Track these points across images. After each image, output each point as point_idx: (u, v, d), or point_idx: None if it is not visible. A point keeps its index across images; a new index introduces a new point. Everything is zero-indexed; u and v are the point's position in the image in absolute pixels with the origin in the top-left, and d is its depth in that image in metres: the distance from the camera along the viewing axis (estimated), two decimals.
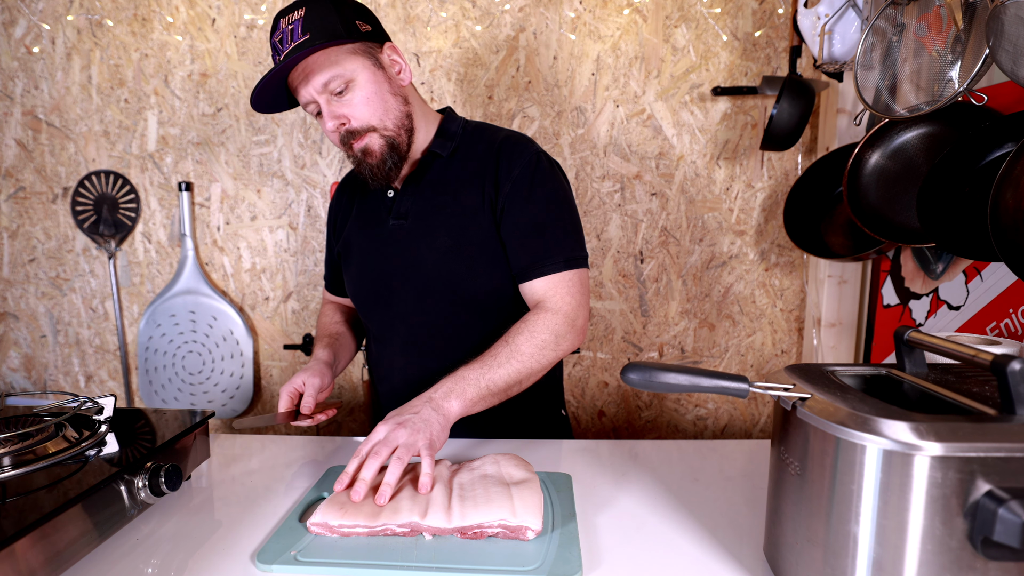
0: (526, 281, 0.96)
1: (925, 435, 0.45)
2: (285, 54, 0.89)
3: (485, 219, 0.97)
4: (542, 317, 0.92)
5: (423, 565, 0.61)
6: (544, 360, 0.90)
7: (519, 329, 0.91)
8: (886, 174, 1.24)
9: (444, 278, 0.99)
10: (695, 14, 1.63)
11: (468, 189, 0.98)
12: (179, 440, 0.78)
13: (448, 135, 1.02)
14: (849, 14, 1.22)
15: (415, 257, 1.00)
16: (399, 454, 0.73)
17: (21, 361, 1.92)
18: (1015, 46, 0.83)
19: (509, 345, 0.89)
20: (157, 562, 0.65)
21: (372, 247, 1.04)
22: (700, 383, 0.59)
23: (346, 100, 0.92)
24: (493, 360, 0.87)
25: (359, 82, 0.91)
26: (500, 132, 1.03)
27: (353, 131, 0.93)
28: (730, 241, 1.73)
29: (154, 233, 1.81)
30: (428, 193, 1.00)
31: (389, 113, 0.95)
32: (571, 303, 0.94)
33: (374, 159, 0.95)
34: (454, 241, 0.98)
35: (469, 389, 0.84)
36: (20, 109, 1.77)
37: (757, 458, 0.91)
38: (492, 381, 0.86)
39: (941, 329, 1.27)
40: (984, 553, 0.45)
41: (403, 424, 0.77)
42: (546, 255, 0.94)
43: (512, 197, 0.95)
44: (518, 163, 0.96)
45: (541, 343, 0.90)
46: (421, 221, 1.00)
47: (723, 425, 1.83)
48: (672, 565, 0.63)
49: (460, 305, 1.00)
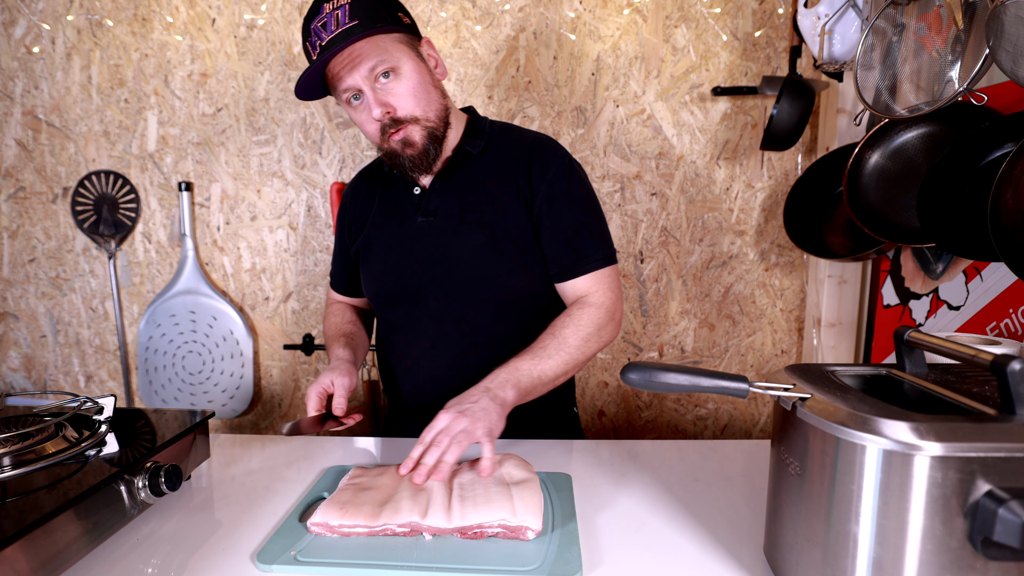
0: (568, 280, 1.00)
1: (925, 435, 0.45)
2: (330, 38, 0.88)
3: (520, 218, 0.99)
4: (586, 311, 0.96)
5: (423, 565, 0.61)
6: (588, 351, 0.95)
7: (565, 323, 0.95)
8: (886, 174, 1.24)
9: (476, 276, 0.99)
10: (695, 14, 1.63)
11: (501, 188, 1.00)
12: (179, 440, 0.78)
13: (478, 133, 1.03)
14: (849, 14, 1.22)
15: (445, 254, 1.00)
16: (459, 439, 0.77)
17: (21, 361, 1.92)
18: (1015, 46, 0.83)
19: (556, 337, 0.93)
20: (157, 562, 0.64)
21: (397, 244, 1.03)
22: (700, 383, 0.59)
23: (391, 89, 0.92)
24: (542, 351, 0.91)
25: (404, 72, 0.92)
26: (527, 133, 1.06)
27: (397, 120, 0.93)
28: (730, 241, 1.73)
29: (154, 233, 1.81)
30: (459, 191, 1.01)
31: (431, 105, 0.95)
32: (611, 297, 0.99)
33: (415, 150, 0.95)
34: (489, 239, 0.99)
35: (523, 379, 0.88)
36: (20, 109, 1.77)
37: (757, 458, 0.91)
38: (543, 372, 0.90)
39: (941, 329, 1.27)
40: (984, 553, 0.45)
41: (464, 413, 0.79)
42: (587, 254, 0.99)
43: (551, 199, 0.99)
44: (552, 165, 1.00)
45: (586, 336, 0.94)
46: (452, 219, 1.00)
47: (723, 425, 1.83)
48: (672, 565, 0.63)
49: (490, 302, 1.01)
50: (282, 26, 1.69)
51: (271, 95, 1.72)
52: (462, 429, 0.78)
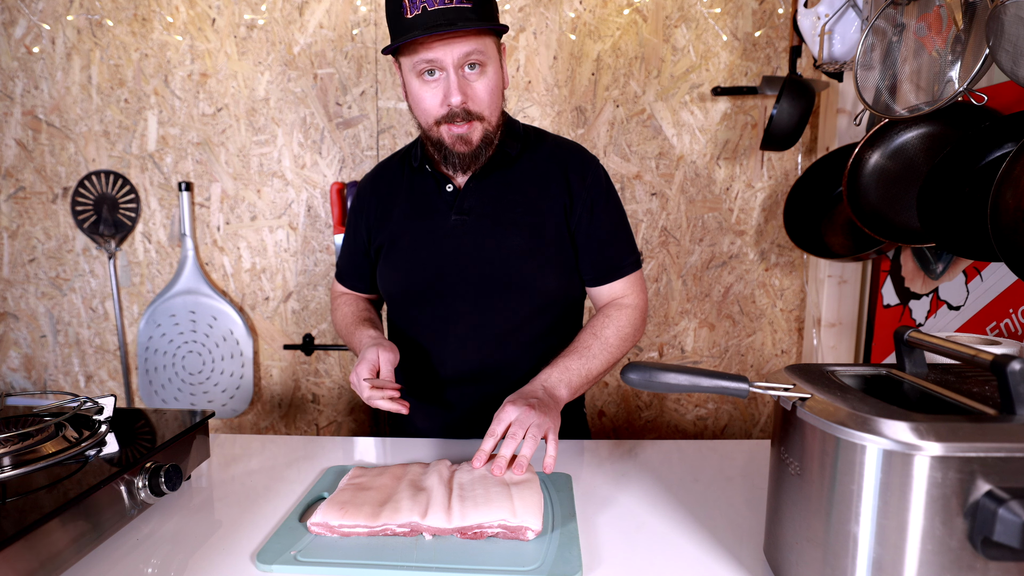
0: (605, 283, 1.03)
1: (925, 435, 0.45)
2: (441, 9, 0.85)
3: (557, 221, 1.00)
4: (625, 312, 1.00)
5: (423, 565, 0.61)
6: (625, 350, 0.99)
7: (605, 324, 0.98)
8: (886, 174, 1.24)
9: (511, 276, 1.00)
10: (695, 14, 1.63)
11: (538, 191, 1.01)
12: (179, 440, 0.78)
13: (515, 135, 1.03)
14: (849, 14, 1.22)
15: (480, 254, 1.00)
16: (533, 433, 0.77)
17: (21, 361, 1.92)
18: (1015, 46, 0.83)
19: (599, 338, 0.96)
20: (157, 562, 0.65)
21: (427, 241, 1.02)
22: (700, 383, 0.59)
23: (474, 81, 0.91)
24: (587, 351, 0.94)
25: (489, 70, 0.91)
26: (560, 139, 1.07)
27: (469, 112, 0.91)
28: (730, 241, 1.73)
29: (154, 233, 1.81)
30: (495, 191, 1.01)
31: (497, 109, 0.96)
32: (643, 298, 1.05)
33: (469, 148, 0.94)
34: (527, 241, 0.99)
35: (575, 379, 0.91)
36: (20, 109, 1.77)
37: (757, 458, 0.91)
38: (590, 371, 0.93)
39: (941, 329, 1.27)
40: (984, 553, 0.45)
41: (533, 406, 0.80)
42: (622, 259, 1.03)
43: (591, 205, 1.01)
44: (590, 172, 1.02)
45: (625, 336, 0.99)
46: (488, 219, 1.00)
47: (723, 425, 1.83)
48: (672, 565, 0.63)
49: (522, 303, 1.01)
50: (282, 26, 1.69)
51: (271, 95, 1.72)
52: (534, 423, 0.78)
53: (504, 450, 0.76)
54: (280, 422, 1.90)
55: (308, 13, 1.68)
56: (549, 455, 0.76)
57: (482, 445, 0.78)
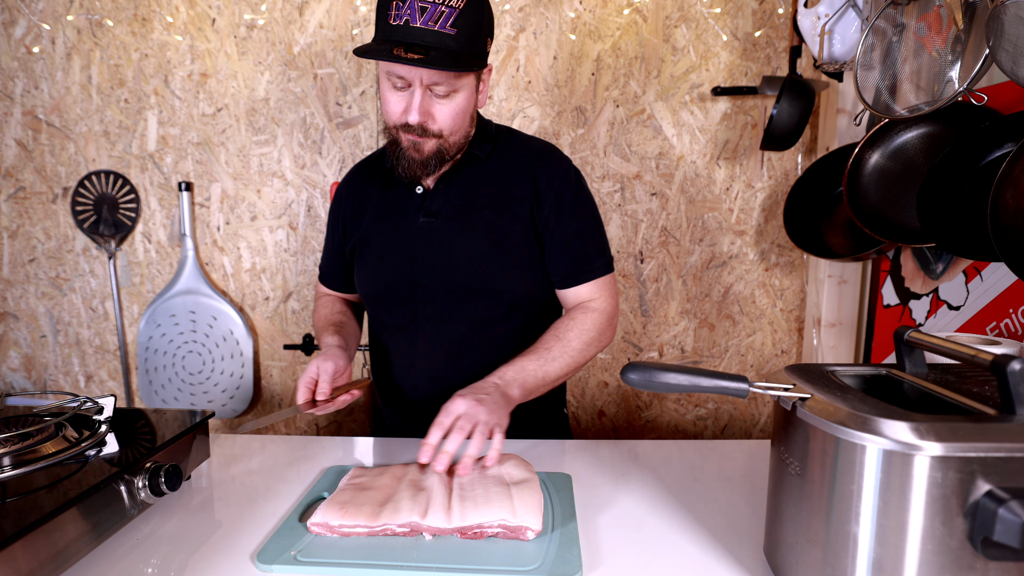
0: (572, 286, 1.01)
1: (925, 435, 0.45)
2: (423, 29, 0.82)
3: (524, 224, 0.99)
4: (590, 316, 0.98)
5: (423, 565, 0.61)
6: (589, 355, 0.97)
7: (569, 326, 0.96)
8: (886, 174, 1.24)
9: (479, 279, 0.99)
10: (695, 14, 1.63)
11: (506, 193, 1.00)
12: (179, 440, 0.78)
13: (487, 137, 1.02)
14: (849, 14, 1.22)
15: (446, 256, 0.99)
16: (480, 430, 0.77)
17: (21, 361, 1.92)
18: (1015, 46, 0.83)
19: (561, 340, 0.94)
20: (157, 562, 0.64)
21: (396, 243, 1.02)
22: (700, 383, 0.59)
23: (439, 103, 0.90)
24: (547, 353, 0.93)
25: (459, 96, 0.91)
26: (532, 140, 1.06)
27: (426, 129, 0.91)
28: (730, 241, 1.73)
29: (154, 233, 1.81)
30: (463, 193, 1.00)
31: (460, 131, 0.95)
32: (612, 303, 1.02)
33: (420, 156, 0.94)
34: (491, 243, 0.98)
35: (529, 379, 0.89)
36: (20, 109, 1.77)
37: (757, 458, 0.91)
38: (547, 373, 0.91)
39: (941, 329, 1.27)
40: (984, 553, 0.45)
41: (482, 402, 0.80)
42: (590, 261, 1.01)
43: (557, 207, 0.99)
44: (559, 173, 1.01)
45: (589, 340, 0.96)
46: (456, 220, 0.99)
47: (723, 425, 1.83)
48: (672, 565, 0.63)
49: (489, 305, 1.01)
50: (282, 26, 1.69)
51: (271, 95, 1.72)
52: (482, 419, 0.78)
53: (449, 445, 0.75)
54: (280, 422, 1.90)
55: (308, 13, 1.68)
56: (493, 448, 0.77)
57: (428, 438, 0.77)
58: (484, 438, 0.77)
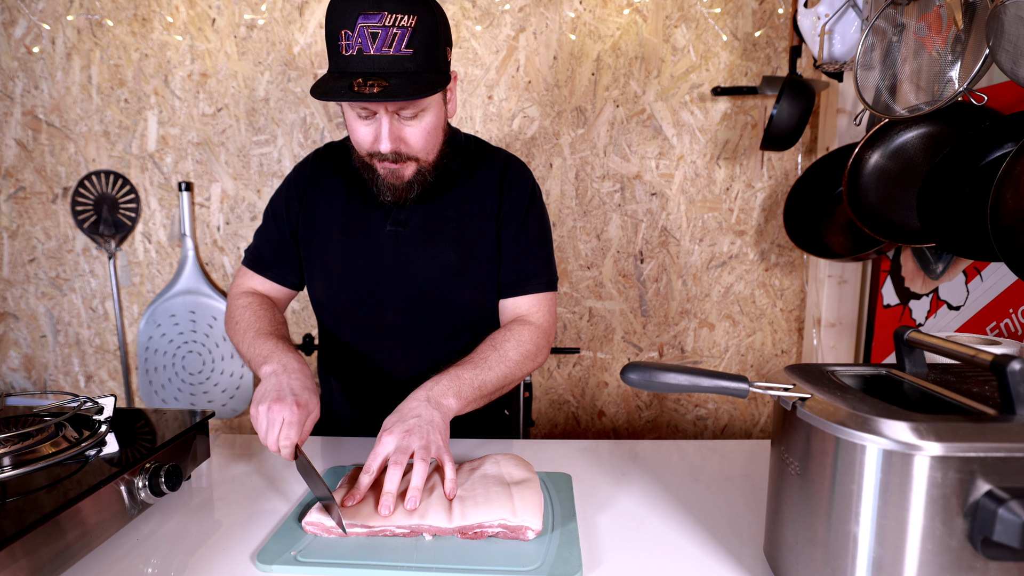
0: (510, 296, 1.00)
1: (925, 435, 0.45)
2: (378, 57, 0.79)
3: (489, 238, 0.99)
4: (527, 329, 0.95)
5: (423, 565, 0.61)
6: (526, 369, 0.93)
7: (506, 337, 0.93)
8: (886, 174, 1.24)
9: (443, 292, 0.98)
10: (695, 14, 1.63)
11: (474, 207, 0.99)
12: (179, 440, 0.78)
13: (458, 148, 1.01)
14: (849, 14, 1.22)
15: (411, 267, 0.98)
16: (421, 456, 0.71)
17: (21, 361, 1.92)
18: (1015, 46, 0.83)
19: (498, 351, 0.90)
20: (157, 562, 0.64)
21: (361, 250, 0.99)
22: (700, 383, 0.59)
23: (410, 125, 0.87)
24: (484, 363, 0.88)
25: (427, 114, 0.88)
26: (499, 152, 1.05)
27: (399, 154, 0.88)
28: (730, 241, 1.73)
29: (154, 233, 1.81)
30: (432, 205, 0.99)
31: (435, 147, 0.93)
32: (550, 320, 1.00)
33: (400, 182, 0.92)
34: (460, 257, 0.98)
35: (465, 389, 0.83)
36: (20, 109, 1.77)
37: (757, 458, 0.91)
38: (484, 384, 0.86)
39: (941, 329, 1.27)
40: (984, 553, 0.45)
41: (411, 431, 0.74)
42: (532, 275, 0.99)
43: (509, 217, 0.99)
44: (517, 185, 1.00)
45: (526, 353, 0.93)
46: (422, 232, 0.98)
47: (723, 425, 1.83)
48: (672, 565, 0.63)
49: (451, 318, 1.00)
50: (282, 26, 1.69)
51: (271, 95, 1.72)
52: (418, 446, 0.72)
53: (388, 484, 0.68)
54: None
55: (308, 13, 1.68)
56: (448, 479, 0.71)
57: (358, 483, 0.71)
58: (426, 466, 0.70)
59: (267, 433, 0.75)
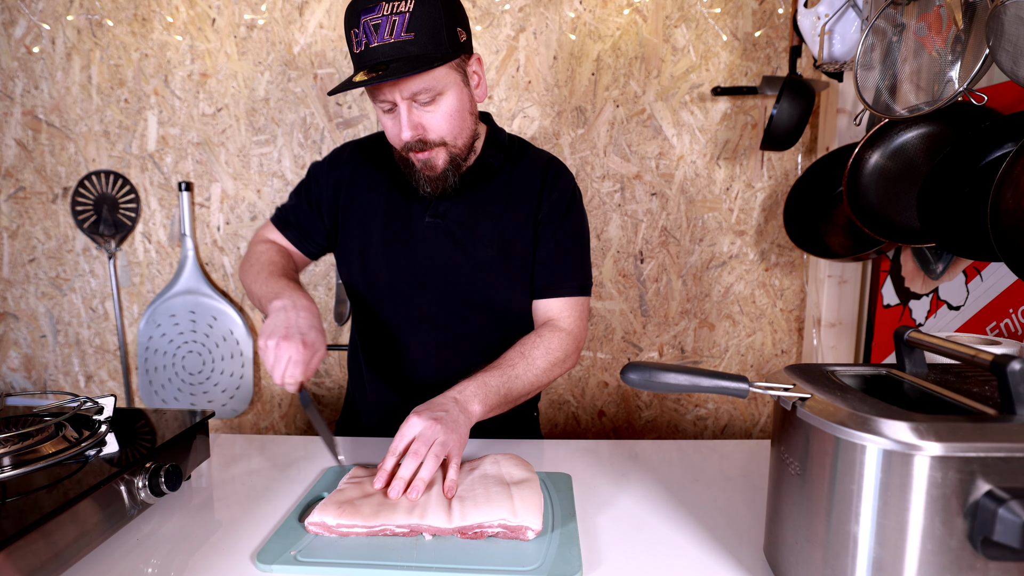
0: (542, 298, 1.00)
1: (925, 435, 0.45)
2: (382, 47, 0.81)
3: (527, 237, 0.99)
4: (557, 336, 0.96)
5: (423, 565, 0.61)
6: (553, 376, 0.96)
7: (535, 343, 0.94)
8: (886, 174, 1.24)
9: (479, 288, 0.99)
10: (695, 14, 1.63)
11: (515, 205, 0.99)
12: (179, 440, 0.78)
13: (499, 146, 1.01)
14: (849, 14, 1.22)
15: (448, 261, 0.99)
16: (436, 451, 0.73)
17: (21, 361, 1.92)
18: (1015, 46, 0.83)
19: (526, 358, 0.92)
20: (157, 562, 0.64)
21: (400, 239, 1.00)
22: (700, 383, 0.59)
23: (428, 110, 0.88)
24: (511, 370, 0.90)
25: (446, 97, 0.88)
26: (541, 152, 1.06)
27: (425, 142, 0.89)
28: (730, 241, 1.73)
29: (154, 233, 1.81)
30: (472, 199, 0.99)
31: (464, 132, 0.92)
32: (580, 326, 1.00)
33: (435, 172, 0.92)
34: (498, 254, 0.98)
35: (491, 396, 0.86)
36: (20, 109, 1.77)
37: (757, 458, 0.91)
38: (510, 391, 0.89)
39: (941, 329, 1.27)
40: (984, 553, 0.45)
41: (438, 420, 0.76)
42: (565, 278, 1.00)
43: (548, 218, 0.99)
44: (559, 187, 1.01)
45: (554, 360, 0.94)
46: (461, 226, 0.98)
47: (723, 425, 1.83)
48: (672, 565, 0.63)
49: (485, 313, 1.00)
50: (282, 26, 1.69)
51: (271, 95, 1.72)
52: (439, 440, 0.75)
53: (404, 470, 0.71)
54: (280, 422, 1.90)
55: (308, 13, 1.68)
56: (449, 479, 0.73)
57: (382, 463, 0.74)
58: (437, 461, 0.73)
59: (273, 368, 0.80)
